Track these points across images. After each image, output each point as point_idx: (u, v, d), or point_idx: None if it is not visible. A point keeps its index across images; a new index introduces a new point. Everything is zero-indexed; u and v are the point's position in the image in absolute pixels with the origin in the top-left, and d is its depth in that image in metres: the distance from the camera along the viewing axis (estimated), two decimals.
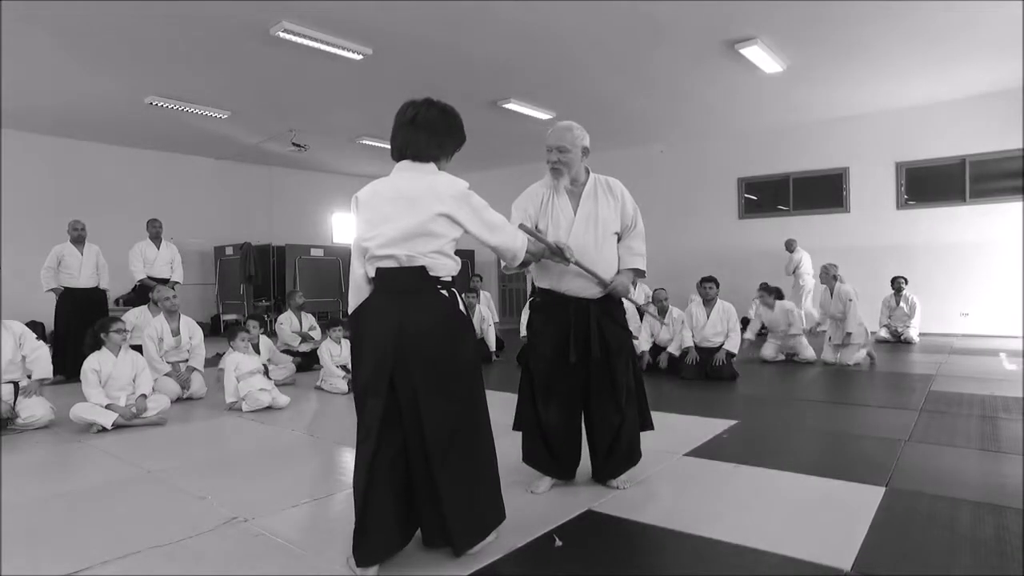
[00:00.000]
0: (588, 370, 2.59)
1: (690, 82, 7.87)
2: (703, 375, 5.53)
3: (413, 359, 1.94)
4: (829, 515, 2.36)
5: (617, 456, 2.66)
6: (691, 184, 11.05)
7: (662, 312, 6.16)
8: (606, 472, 2.69)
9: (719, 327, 5.68)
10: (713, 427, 3.71)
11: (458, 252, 2.11)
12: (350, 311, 2.11)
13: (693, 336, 5.77)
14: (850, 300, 6.30)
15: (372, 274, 2.03)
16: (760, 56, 6.81)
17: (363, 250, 2.04)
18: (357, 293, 2.08)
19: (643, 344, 6.14)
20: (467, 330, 2.13)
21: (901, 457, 3.05)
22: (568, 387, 2.60)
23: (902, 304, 8.15)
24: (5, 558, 2.12)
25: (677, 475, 2.89)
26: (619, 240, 2.73)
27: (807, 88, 8.14)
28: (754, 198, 10.66)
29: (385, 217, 2.00)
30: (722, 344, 5.60)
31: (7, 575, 1.99)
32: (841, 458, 3.10)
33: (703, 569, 1.98)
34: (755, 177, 10.52)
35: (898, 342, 7.92)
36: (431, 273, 2.00)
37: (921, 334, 8.11)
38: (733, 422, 3.83)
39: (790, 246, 9.96)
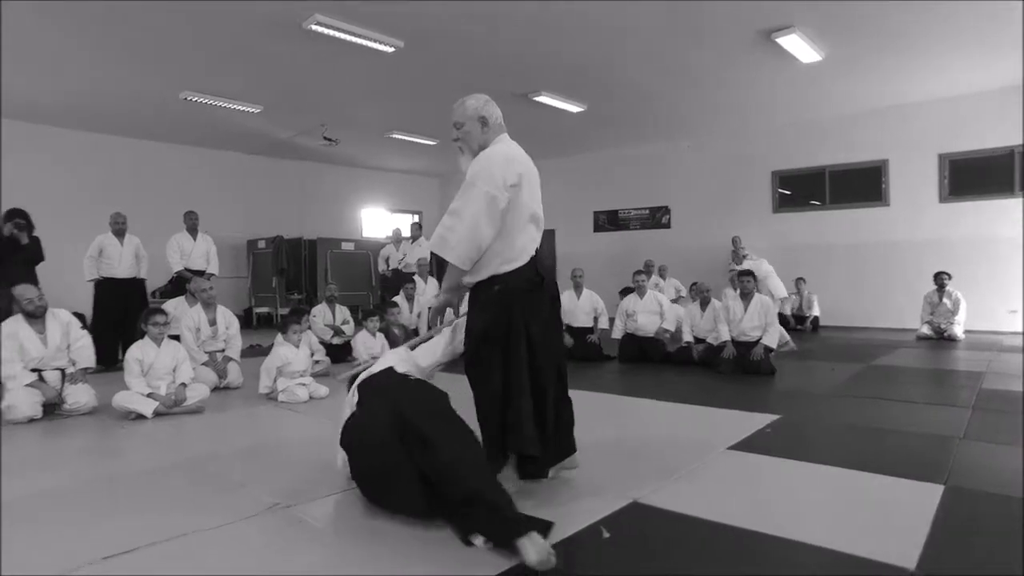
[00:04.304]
0: None
1: (725, 73, 7.69)
2: (740, 369, 5.41)
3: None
4: (886, 512, 2.27)
5: None
6: (724, 178, 10.84)
7: (704, 304, 6.11)
8: None
9: (756, 321, 5.55)
10: (755, 421, 3.61)
11: None
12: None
13: (730, 330, 5.66)
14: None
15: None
16: (798, 45, 6.63)
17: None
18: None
19: (686, 335, 6.13)
20: None
21: (957, 455, 2.93)
22: None
23: (945, 300, 7.90)
24: (52, 540, 2.15)
25: (722, 468, 2.82)
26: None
27: (845, 77, 7.90)
28: (788, 192, 10.41)
29: None
30: (759, 338, 5.48)
31: (53, 555, 2.01)
32: (892, 455, 2.98)
33: (755, 563, 1.91)
34: (789, 170, 10.28)
35: (941, 339, 7.67)
36: None
37: (966, 331, 7.83)
38: (775, 416, 3.72)
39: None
